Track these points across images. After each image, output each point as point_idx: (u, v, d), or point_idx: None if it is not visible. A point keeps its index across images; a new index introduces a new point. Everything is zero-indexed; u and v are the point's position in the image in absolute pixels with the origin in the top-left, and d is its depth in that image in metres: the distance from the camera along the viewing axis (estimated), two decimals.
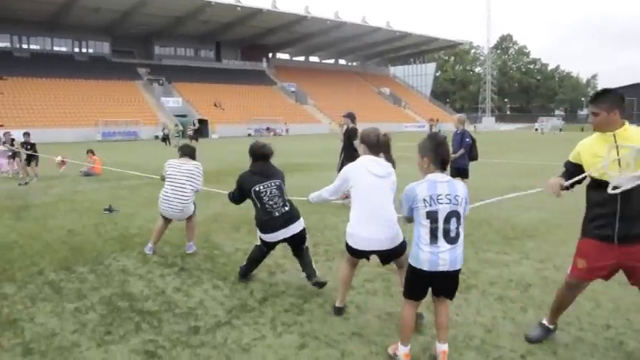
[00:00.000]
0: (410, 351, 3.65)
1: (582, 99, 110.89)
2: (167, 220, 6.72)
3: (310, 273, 5.23)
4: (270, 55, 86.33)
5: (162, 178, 6.74)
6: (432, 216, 3.38)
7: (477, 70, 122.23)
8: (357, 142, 10.34)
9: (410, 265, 3.57)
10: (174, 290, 5.22)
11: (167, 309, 4.70)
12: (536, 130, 65.97)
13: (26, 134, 16.01)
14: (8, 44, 64.13)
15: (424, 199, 3.39)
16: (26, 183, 14.38)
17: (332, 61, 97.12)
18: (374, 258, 4.51)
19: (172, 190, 6.50)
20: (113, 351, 3.88)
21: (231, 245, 7.07)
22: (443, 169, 3.50)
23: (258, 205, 5.22)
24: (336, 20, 72.35)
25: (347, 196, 4.74)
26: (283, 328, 4.28)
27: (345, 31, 75.97)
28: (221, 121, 60.33)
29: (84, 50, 68.88)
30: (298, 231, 5.29)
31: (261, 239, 5.33)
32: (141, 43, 72.96)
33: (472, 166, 10.94)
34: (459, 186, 3.51)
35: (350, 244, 4.37)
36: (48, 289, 5.28)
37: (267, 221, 5.17)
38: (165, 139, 40.67)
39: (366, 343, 3.97)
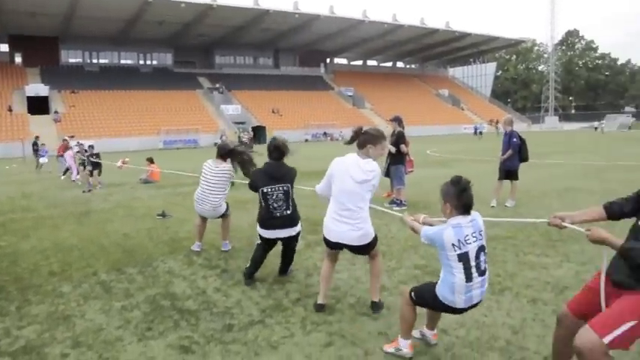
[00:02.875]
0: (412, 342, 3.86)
1: None
2: (204, 218, 7.13)
3: (283, 269, 5.87)
4: (328, 60, 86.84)
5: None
6: (464, 258, 3.38)
7: (541, 68, 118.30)
8: (403, 147, 10.45)
9: (439, 298, 3.53)
10: (215, 290, 5.48)
11: (205, 308, 4.96)
12: (596, 129, 63.29)
13: (91, 147, 17.04)
14: (80, 60, 67.71)
15: (453, 245, 3.37)
16: (90, 190, 15.18)
17: (390, 64, 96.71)
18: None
19: (203, 190, 6.91)
20: (152, 345, 4.16)
21: (274, 248, 7.26)
22: (467, 213, 3.46)
23: (263, 203, 5.46)
24: (394, 23, 72.01)
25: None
26: (312, 326, 4.44)
27: (403, 34, 75.51)
28: (279, 127, 61.19)
29: (148, 62, 71.73)
30: (293, 234, 5.59)
31: (259, 234, 5.59)
32: (202, 53, 75.15)
33: (523, 167, 10.77)
34: (480, 220, 3.51)
35: (324, 234, 4.72)
36: (99, 289, 5.67)
37: (268, 220, 5.43)
38: None
39: (390, 341, 4.07)
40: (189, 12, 59.37)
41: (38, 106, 54.38)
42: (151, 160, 17.05)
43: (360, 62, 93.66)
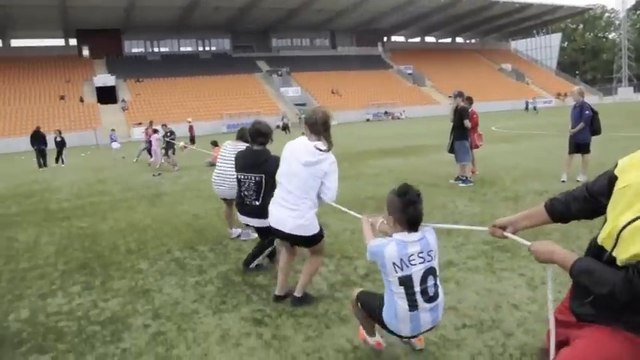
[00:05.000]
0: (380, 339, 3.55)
1: None
2: (229, 204, 7.04)
3: (248, 260, 5.52)
4: (385, 38, 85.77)
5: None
6: (405, 282, 2.89)
7: (611, 36, 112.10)
8: (467, 122, 10.26)
9: (383, 321, 3.11)
10: None
11: (276, 283, 5.08)
12: None
13: (164, 125, 18.98)
14: (143, 49, 69.97)
15: (394, 264, 2.88)
16: (159, 174, 15.75)
17: (449, 40, 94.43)
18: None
19: (221, 170, 6.84)
20: (226, 318, 4.33)
21: (339, 225, 7.36)
22: (413, 230, 2.96)
23: (237, 188, 5.43)
24: None
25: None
26: None
27: (462, 8, 73.42)
28: (339, 108, 61.17)
29: (207, 48, 73.19)
30: (257, 225, 5.31)
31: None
32: (259, 37, 75.86)
33: (596, 140, 10.38)
34: (431, 239, 3.00)
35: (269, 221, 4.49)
36: (174, 265, 5.93)
37: (240, 205, 5.39)
38: (285, 127, 42.15)
39: (460, 316, 4.06)
40: None
41: (106, 95, 56.70)
42: (215, 144, 17.44)
43: (417, 39, 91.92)
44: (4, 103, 52.80)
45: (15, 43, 67.80)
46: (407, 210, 2.89)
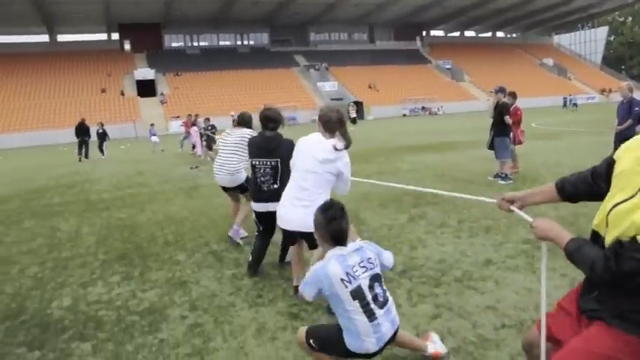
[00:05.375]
0: None
1: None
2: (233, 196, 6.97)
3: (281, 256, 5.47)
4: (424, 33, 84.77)
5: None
6: (358, 295, 2.83)
7: None
8: (507, 118, 10.04)
9: (349, 350, 2.94)
10: None
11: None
12: None
13: (207, 119, 19.61)
14: (182, 44, 71.02)
15: (342, 279, 2.80)
16: (197, 167, 15.96)
17: (489, 34, 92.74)
18: None
19: (220, 156, 6.70)
20: (262, 312, 4.33)
21: (377, 221, 7.30)
22: (340, 244, 2.93)
23: (252, 175, 5.27)
24: None
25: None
26: (419, 298, 4.41)
27: (504, 1, 72.07)
28: (376, 103, 60.88)
29: (245, 42, 73.72)
30: (272, 210, 4.99)
31: (253, 210, 5.31)
32: (297, 32, 76.03)
33: None
34: (367, 248, 3.00)
35: (279, 224, 4.48)
36: (211, 258, 5.97)
37: (257, 193, 5.16)
38: None
39: (500, 316, 3.97)
40: None
41: (146, 89, 57.73)
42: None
43: (457, 34, 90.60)
44: (49, 96, 54.36)
45: (61, 38, 69.71)
46: (329, 225, 2.90)
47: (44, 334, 4.22)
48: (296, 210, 4.23)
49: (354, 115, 39.85)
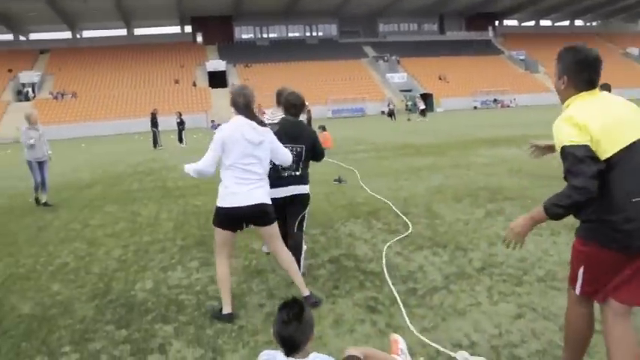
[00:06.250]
0: None
1: None
2: None
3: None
4: (497, 23, 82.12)
5: None
6: None
7: None
8: None
9: None
10: (396, 254, 5.51)
11: (388, 271, 5.01)
12: None
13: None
14: (252, 35, 72.27)
15: None
16: None
17: (567, 22, 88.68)
18: None
19: None
20: (339, 303, 4.31)
21: (452, 215, 7.14)
22: (290, 354, 2.47)
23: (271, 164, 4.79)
24: None
25: None
26: (500, 297, 4.26)
27: None
28: (446, 95, 59.71)
29: (314, 34, 74.05)
30: (298, 192, 4.96)
31: None
32: (366, 23, 75.52)
33: None
34: None
35: (221, 205, 4.22)
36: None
37: (275, 179, 4.77)
38: (391, 114, 41.65)
39: None
40: None
41: (217, 80, 59.12)
42: (323, 128, 17.61)
43: (532, 23, 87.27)
44: (125, 87, 56.74)
45: (138, 32, 72.56)
46: (278, 327, 2.46)
47: (129, 314, 4.39)
48: (242, 187, 4.13)
49: (422, 107, 39.12)
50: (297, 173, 4.94)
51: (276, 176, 4.82)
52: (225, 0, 63.20)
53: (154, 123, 25.57)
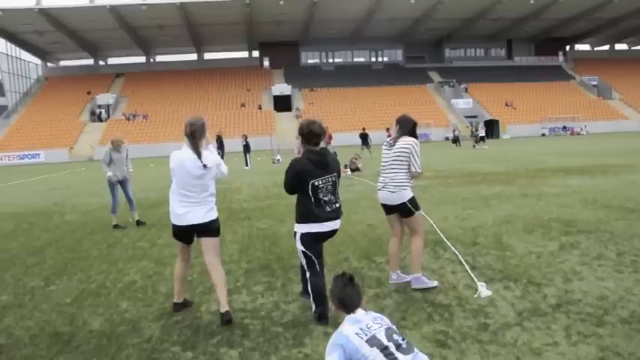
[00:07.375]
0: None
1: None
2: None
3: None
4: (568, 47, 79.83)
5: None
6: (374, 342, 2.92)
7: None
8: None
9: None
10: (465, 287, 5.32)
11: (458, 304, 4.83)
12: None
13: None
14: (317, 60, 73.50)
15: (357, 333, 2.97)
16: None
17: None
18: None
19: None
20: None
21: (523, 247, 6.85)
22: (351, 312, 3.17)
23: (312, 198, 4.70)
24: None
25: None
26: (579, 337, 4.01)
27: None
28: (513, 121, 58.33)
29: (379, 59, 74.44)
30: (336, 228, 4.87)
31: (308, 233, 4.75)
32: (431, 48, 75.34)
33: None
34: (377, 315, 3.24)
35: (174, 222, 4.91)
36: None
37: (318, 213, 4.67)
38: (456, 140, 41.03)
39: None
40: (418, 7, 59.83)
41: (282, 103, 60.26)
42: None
43: (606, 47, 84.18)
44: (194, 109, 58.54)
45: (207, 56, 75.25)
46: (341, 296, 3.21)
47: (195, 336, 4.42)
48: (186, 206, 4.82)
49: (482, 134, 38.29)
50: (337, 205, 4.87)
51: (321, 211, 4.72)
52: (292, 27, 64.68)
53: (220, 145, 26.31)
